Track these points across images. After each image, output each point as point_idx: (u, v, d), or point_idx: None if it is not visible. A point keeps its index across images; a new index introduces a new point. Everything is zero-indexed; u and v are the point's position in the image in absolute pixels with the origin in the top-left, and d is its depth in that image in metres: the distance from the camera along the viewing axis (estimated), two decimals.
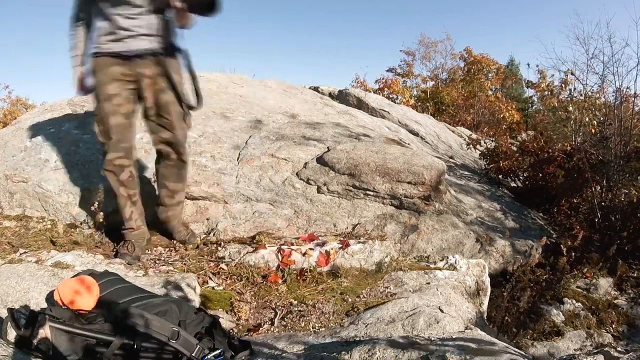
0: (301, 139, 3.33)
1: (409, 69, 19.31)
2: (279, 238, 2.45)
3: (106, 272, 1.50)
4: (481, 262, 2.45)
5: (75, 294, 1.24)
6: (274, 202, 2.66)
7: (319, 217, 2.63)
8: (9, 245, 2.09)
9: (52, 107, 3.31)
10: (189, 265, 2.11)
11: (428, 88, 17.80)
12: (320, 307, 1.82)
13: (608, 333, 2.57)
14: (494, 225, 3.20)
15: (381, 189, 2.75)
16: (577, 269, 3.02)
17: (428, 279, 2.09)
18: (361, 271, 2.16)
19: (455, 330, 1.56)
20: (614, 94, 4.19)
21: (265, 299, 1.90)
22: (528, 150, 4.46)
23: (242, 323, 1.75)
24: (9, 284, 1.58)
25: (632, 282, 3.04)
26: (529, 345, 2.42)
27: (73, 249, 2.09)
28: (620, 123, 3.87)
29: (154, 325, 1.18)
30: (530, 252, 3.12)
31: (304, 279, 2.03)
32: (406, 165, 2.80)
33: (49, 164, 2.60)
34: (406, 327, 1.58)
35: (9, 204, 2.49)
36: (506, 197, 4.19)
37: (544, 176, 4.14)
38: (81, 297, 1.25)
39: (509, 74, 19.31)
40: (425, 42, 19.31)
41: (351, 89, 8.38)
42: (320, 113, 4.45)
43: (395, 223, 2.69)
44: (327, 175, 2.82)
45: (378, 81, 16.74)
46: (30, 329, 1.13)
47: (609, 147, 3.86)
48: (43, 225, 2.37)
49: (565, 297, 2.77)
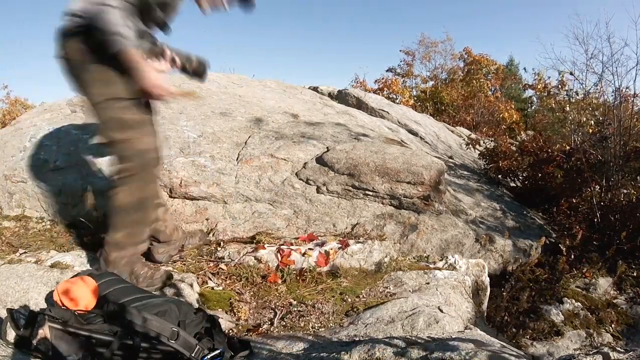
0: (301, 139, 3.33)
1: (408, 69, 19.33)
2: (278, 238, 2.45)
3: (106, 272, 1.50)
4: (480, 262, 2.46)
5: (74, 294, 1.24)
6: (273, 202, 2.66)
7: (318, 217, 2.63)
8: (8, 246, 2.09)
9: (51, 107, 3.31)
10: (189, 266, 2.11)
11: (428, 88, 17.81)
12: (319, 307, 1.82)
13: (607, 333, 2.57)
14: (493, 225, 3.21)
15: (380, 189, 2.75)
16: (576, 268, 3.02)
17: (427, 279, 2.09)
18: (361, 271, 2.16)
19: (454, 330, 1.56)
20: (613, 94, 4.20)
21: (265, 299, 1.90)
22: (527, 150, 4.46)
23: (242, 323, 1.75)
24: (9, 284, 1.58)
25: (631, 282, 3.04)
26: (529, 345, 2.42)
27: (72, 249, 2.10)
28: (620, 123, 3.88)
29: (154, 326, 1.18)
30: (529, 251, 3.12)
31: (303, 279, 2.03)
32: (405, 165, 2.80)
33: (48, 164, 2.60)
34: (406, 327, 1.58)
35: (8, 204, 2.49)
36: (505, 196, 4.20)
37: (544, 176, 4.15)
38: (80, 297, 1.25)
39: (508, 74, 19.33)
40: (425, 42, 19.35)
41: (350, 89, 8.38)
42: (319, 113, 4.45)
43: (394, 223, 2.69)
44: (327, 175, 2.82)
45: (378, 81, 16.76)
46: (30, 329, 1.13)
47: (608, 147, 3.86)
48: (42, 226, 2.37)
49: (565, 296, 2.78)
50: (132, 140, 1.65)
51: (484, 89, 15.19)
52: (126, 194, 1.70)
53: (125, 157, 1.67)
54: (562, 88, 4.49)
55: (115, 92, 1.61)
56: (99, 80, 1.60)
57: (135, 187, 1.70)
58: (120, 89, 1.61)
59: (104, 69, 1.58)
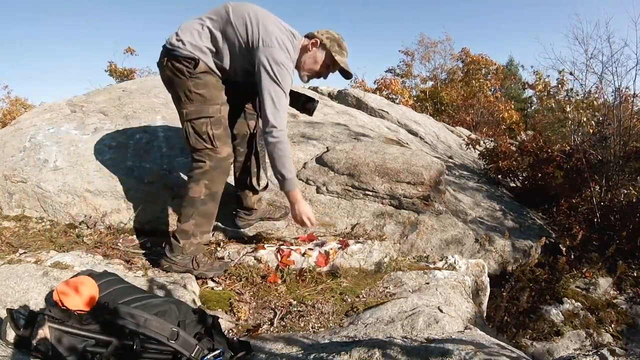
0: (300, 139, 3.33)
1: (408, 69, 19.34)
2: (278, 238, 2.45)
3: (105, 272, 1.49)
4: (480, 262, 2.45)
5: (74, 294, 1.24)
6: (273, 202, 2.66)
7: (318, 217, 2.63)
8: (8, 246, 2.08)
9: (51, 107, 3.30)
10: None
11: (427, 88, 17.81)
12: (319, 307, 1.82)
13: (607, 332, 2.57)
14: (493, 225, 3.21)
15: (380, 189, 2.75)
16: (576, 268, 3.02)
17: (427, 279, 2.09)
18: (360, 271, 2.16)
19: (454, 330, 1.56)
20: (613, 94, 4.20)
21: (265, 299, 1.90)
22: (527, 150, 4.46)
23: (242, 323, 1.75)
24: (8, 285, 1.58)
25: (631, 282, 3.05)
26: (528, 345, 2.42)
27: (72, 249, 2.09)
28: (620, 123, 3.88)
29: (153, 326, 1.18)
30: (529, 251, 3.12)
31: (303, 279, 2.03)
32: (405, 165, 2.80)
33: (48, 164, 2.60)
34: (405, 327, 1.58)
35: (8, 205, 2.49)
36: (505, 197, 4.20)
37: (543, 176, 4.15)
38: (80, 297, 1.25)
39: (508, 74, 19.34)
40: (424, 43, 19.37)
41: (350, 89, 8.38)
42: (319, 113, 4.44)
43: (394, 223, 2.69)
44: (327, 175, 2.82)
45: (377, 81, 16.75)
46: (30, 329, 1.13)
47: (608, 147, 3.87)
48: (42, 226, 2.37)
49: (565, 296, 2.78)
50: (215, 149, 1.95)
51: (483, 89, 15.19)
52: (200, 187, 1.95)
53: (205, 160, 1.94)
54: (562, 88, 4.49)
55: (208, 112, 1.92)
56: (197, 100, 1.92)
57: (207, 182, 1.95)
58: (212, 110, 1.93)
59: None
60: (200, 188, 1.95)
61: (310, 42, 2.02)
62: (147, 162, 2.64)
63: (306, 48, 2.03)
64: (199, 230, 1.99)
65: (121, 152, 2.69)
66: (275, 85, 1.84)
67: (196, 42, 1.88)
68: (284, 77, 1.85)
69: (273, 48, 1.83)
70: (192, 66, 1.87)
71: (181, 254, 1.98)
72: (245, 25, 1.86)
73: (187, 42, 1.87)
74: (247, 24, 1.86)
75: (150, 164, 2.63)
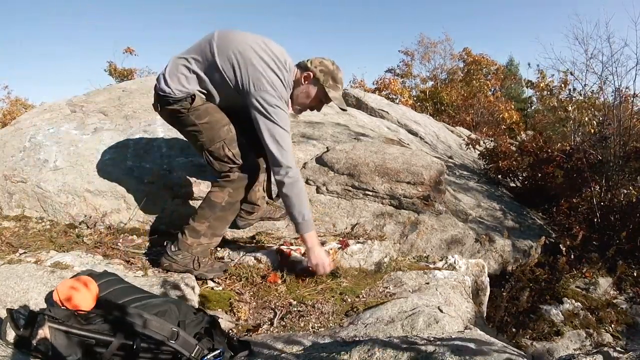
0: (300, 139, 3.33)
1: (407, 70, 19.33)
2: (278, 238, 2.45)
3: (105, 272, 1.50)
4: (480, 262, 2.45)
5: (74, 294, 1.24)
6: (273, 202, 2.66)
7: (318, 217, 2.63)
8: (8, 246, 2.09)
9: (51, 107, 3.31)
10: None
11: (427, 88, 17.80)
12: (319, 307, 1.82)
13: (607, 332, 2.57)
14: (493, 225, 3.21)
15: (380, 189, 2.75)
16: (576, 268, 3.02)
17: (427, 279, 2.08)
18: (360, 271, 2.16)
19: (454, 330, 1.56)
20: (613, 94, 4.20)
21: (265, 299, 1.90)
22: (527, 150, 4.46)
23: (242, 323, 1.75)
24: (8, 285, 1.58)
25: (631, 282, 3.04)
26: (528, 345, 2.42)
27: (72, 249, 2.09)
28: (619, 123, 3.88)
29: (153, 326, 1.18)
30: (529, 251, 3.12)
31: (303, 279, 2.03)
32: (405, 165, 2.80)
33: (48, 164, 2.60)
34: (405, 327, 1.58)
35: (8, 205, 2.49)
36: (505, 197, 4.20)
37: (543, 176, 4.15)
38: (80, 297, 1.25)
39: (508, 74, 19.33)
40: (424, 43, 19.37)
41: (350, 89, 8.38)
42: (319, 113, 4.44)
43: (394, 223, 2.69)
44: (326, 175, 2.82)
45: (376, 82, 16.74)
46: (30, 329, 1.13)
47: (608, 147, 3.87)
48: (42, 226, 2.37)
49: (565, 296, 2.78)
50: (240, 165, 1.97)
51: (483, 89, 15.18)
52: (224, 194, 1.96)
53: (234, 172, 1.97)
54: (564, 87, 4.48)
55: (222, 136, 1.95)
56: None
57: (232, 191, 1.97)
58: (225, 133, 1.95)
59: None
60: (223, 195, 1.96)
61: (302, 75, 1.97)
62: (147, 162, 2.64)
63: (299, 81, 1.98)
64: (211, 232, 2.01)
65: (121, 152, 2.70)
66: (276, 127, 1.83)
67: (186, 89, 1.87)
68: (281, 118, 1.84)
69: (265, 92, 1.81)
70: (189, 102, 1.88)
71: (184, 252, 1.98)
72: (233, 69, 1.83)
73: (176, 90, 1.87)
74: (235, 67, 1.83)
75: (150, 164, 2.63)
